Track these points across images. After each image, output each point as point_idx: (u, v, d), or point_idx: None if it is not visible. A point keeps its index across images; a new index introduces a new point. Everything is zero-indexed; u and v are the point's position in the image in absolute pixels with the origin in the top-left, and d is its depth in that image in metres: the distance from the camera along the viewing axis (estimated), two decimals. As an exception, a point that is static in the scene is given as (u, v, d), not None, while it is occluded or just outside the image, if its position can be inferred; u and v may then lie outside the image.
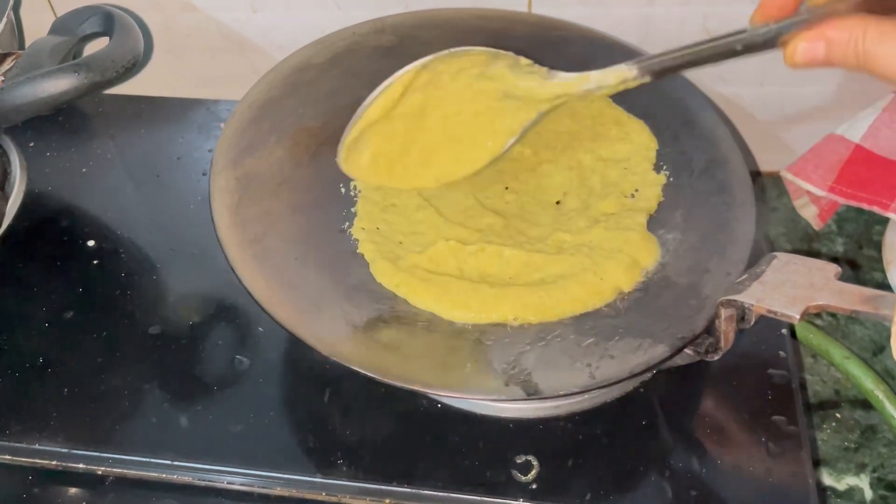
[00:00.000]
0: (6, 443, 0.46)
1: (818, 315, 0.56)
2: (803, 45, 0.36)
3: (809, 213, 0.60)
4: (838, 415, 0.52)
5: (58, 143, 0.62)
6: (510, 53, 0.45)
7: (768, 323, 0.44)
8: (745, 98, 0.63)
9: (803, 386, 0.52)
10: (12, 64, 0.48)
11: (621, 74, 0.41)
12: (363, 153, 0.45)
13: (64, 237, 0.56)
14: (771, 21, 0.37)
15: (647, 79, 0.41)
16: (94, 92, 0.47)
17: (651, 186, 0.49)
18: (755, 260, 0.42)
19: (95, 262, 0.54)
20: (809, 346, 0.54)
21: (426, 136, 0.45)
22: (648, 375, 0.46)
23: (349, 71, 0.54)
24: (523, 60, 0.45)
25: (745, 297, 0.37)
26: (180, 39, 0.66)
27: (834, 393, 0.54)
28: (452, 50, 0.45)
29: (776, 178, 0.64)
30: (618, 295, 0.44)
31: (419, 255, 0.46)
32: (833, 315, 0.57)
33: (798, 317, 0.35)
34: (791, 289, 0.36)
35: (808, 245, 0.61)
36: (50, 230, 0.56)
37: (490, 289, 0.44)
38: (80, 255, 0.55)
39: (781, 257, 0.39)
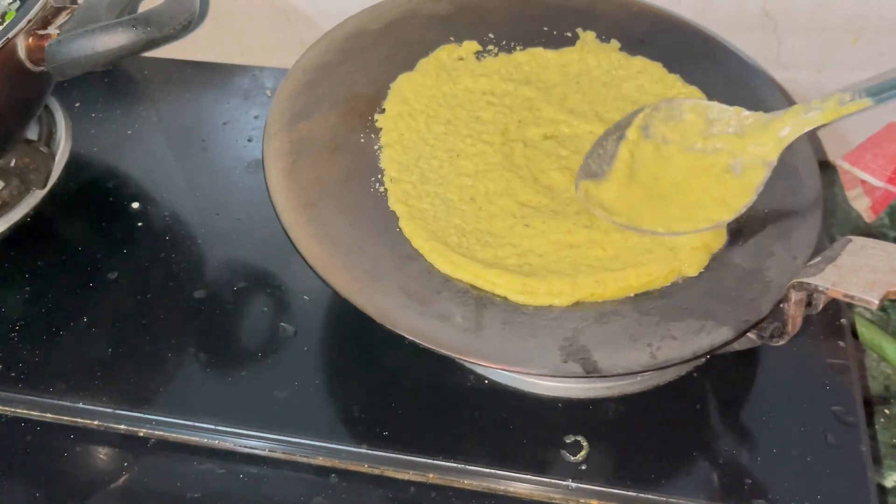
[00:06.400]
0: (49, 401, 0.46)
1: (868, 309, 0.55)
2: None
3: (862, 205, 0.58)
4: (887, 411, 0.51)
5: (103, 105, 0.62)
6: (727, 109, 0.45)
7: (827, 312, 0.43)
8: (801, 83, 0.62)
9: (863, 377, 0.51)
10: (67, 17, 0.47)
11: (837, 100, 0.42)
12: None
13: (109, 198, 0.56)
14: None
15: (866, 101, 0.41)
16: (150, 49, 0.46)
17: None
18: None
19: (140, 224, 0.54)
20: (861, 340, 0.53)
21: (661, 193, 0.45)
22: (703, 360, 0.45)
23: (404, 39, 0.53)
24: (740, 111, 0.45)
25: (819, 281, 0.36)
26: (227, 5, 0.65)
27: (884, 388, 0.52)
28: (666, 105, 0.45)
29: (826, 168, 0.63)
30: (679, 276, 0.43)
31: (471, 236, 0.45)
32: (884, 309, 0.55)
33: (877, 302, 0.34)
34: (870, 273, 0.35)
35: (860, 238, 0.60)
36: (94, 191, 0.56)
37: (549, 273, 0.43)
38: (124, 216, 0.54)
39: (857, 241, 0.37)
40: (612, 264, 0.43)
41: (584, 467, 0.43)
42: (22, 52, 0.46)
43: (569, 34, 0.55)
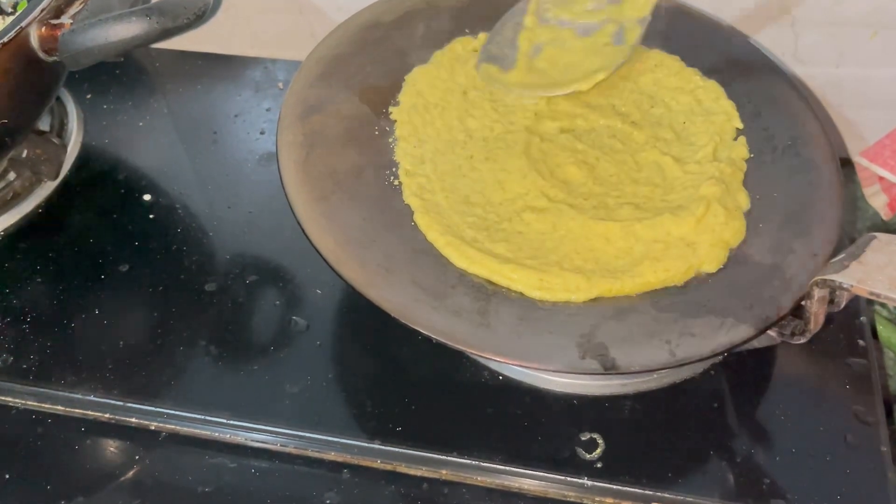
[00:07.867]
0: (60, 393, 0.45)
1: (883, 306, 0.54)
2: None
3: (879, 203, 0.58)
4: (905, 410, 0.51)
5: (114, 97, 0.61)
6: None
7: (846, 310, 0.42)
8: (818, 79, 0.61)
9: (882, 377, 0.51)
10: (81, 7, 0.47)
11: None
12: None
13: (120, 190, 0.55)
14: None
15: None
16: (164, 39, 0.45)
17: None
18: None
19: (151, 216, 0.54)
20: (879, 339, 0.53)
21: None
22: (721, 357, 0.45)
23: (418, 30, 0.53)
24: None
25: (843, 278, 0.35)
26: (239, -4, 0.65)
27: (901, 388, 0.52)
28: None
29: (844, 165, 0.62)
30: (698, 272, 0.43)
31: (485, 230, 0.44)
32: (901, 308, 0.55)
33: (904, 300, 0.34)
34: (895, 270, 0.34)
35: (877, 235, 0.59)
36: (106, 183, 0.56)
37: (565, 271, 0.42)
38: (136, 208, 0.54)
39: (882, 238, 0.37)
40: (630, 260, 0.43)
41: (599, 465, 0.42)
42: (35, 42, 0.46)
43: (585, 27, 0.55)
